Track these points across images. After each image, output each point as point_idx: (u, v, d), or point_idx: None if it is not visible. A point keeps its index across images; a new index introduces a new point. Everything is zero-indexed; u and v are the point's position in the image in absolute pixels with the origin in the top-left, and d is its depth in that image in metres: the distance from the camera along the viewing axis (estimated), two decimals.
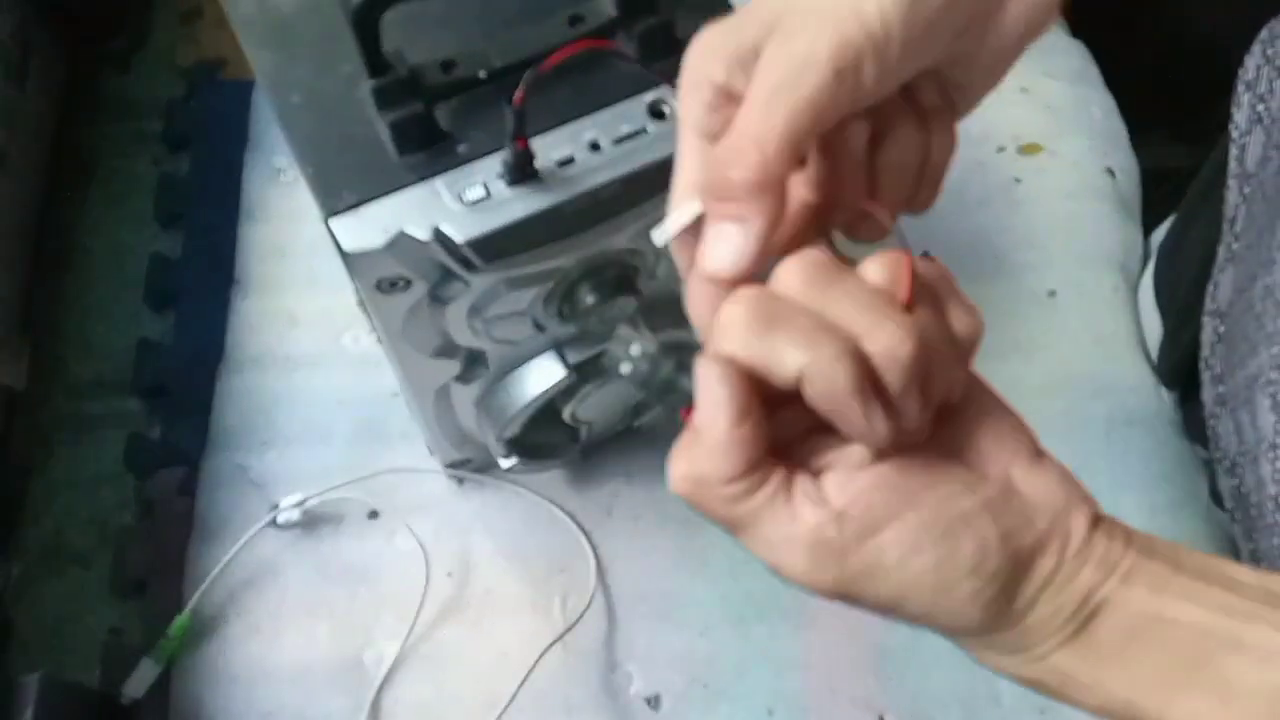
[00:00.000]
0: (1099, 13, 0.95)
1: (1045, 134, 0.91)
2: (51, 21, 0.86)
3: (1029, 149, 0.90)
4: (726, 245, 0.30)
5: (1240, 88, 0.68)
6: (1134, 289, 0.85)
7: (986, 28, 0.32)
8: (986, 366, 0.89)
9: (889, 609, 0.30)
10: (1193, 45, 0.77)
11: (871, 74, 0.29)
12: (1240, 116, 0.68)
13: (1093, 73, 0.94)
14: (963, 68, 0.33)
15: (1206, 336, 0.70)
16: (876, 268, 0.30)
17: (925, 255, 0.34)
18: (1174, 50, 0.87)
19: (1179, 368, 0.77)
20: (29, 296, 0.80)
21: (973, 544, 0.29)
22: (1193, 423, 0.76)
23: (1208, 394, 0.70)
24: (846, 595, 0.30)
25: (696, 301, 0.32)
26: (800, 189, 0.33)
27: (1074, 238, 0.86)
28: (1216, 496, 0.74)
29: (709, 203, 0.31)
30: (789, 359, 0.28)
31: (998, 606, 0.30)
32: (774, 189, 0.30)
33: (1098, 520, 0.31)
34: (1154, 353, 0.81)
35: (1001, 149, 0.90)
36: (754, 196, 0.30)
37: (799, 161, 0.32)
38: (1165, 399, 0.80)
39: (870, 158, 0.34)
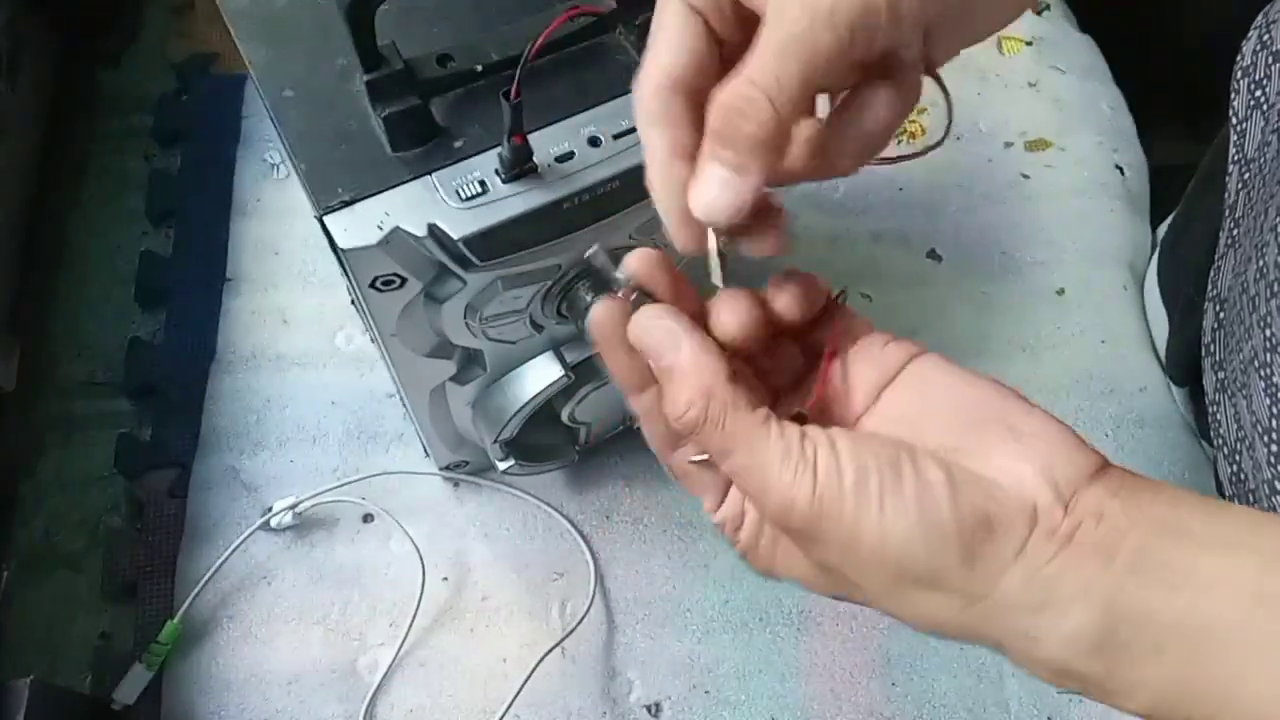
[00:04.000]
0: (1109, 8, 0.94)
1: (1053, 130, 0.90)
2: (42, 17, 0.85)
3: (1037, 145, 0.89)
4: (721, 191, 0.31)
5: (1238, 74, 0.67)
6: (1142, 286, 0.84)
7: None
8: (996, 366, 0.89)
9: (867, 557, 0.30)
10: (1203, 41, 0.77)
11: (886, 31, 0.29)
12: (1238, 103, 0.68)
13: (1102, 68, 0.93)
14: (953, 25, 0.33)
15: (1208, 322, 0.70)
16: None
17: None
18: (1184, 46, 0.86)
19: (1187, 362, 0.76)
20: (18, 295, 0.78)
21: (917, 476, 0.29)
22: (1203, 420, 0.75)
23: (1208, 381, 0.70)
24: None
25: (668, 194, 0.33)
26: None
27: (1083, 235, 0.85)
28: (1219, 486, 0.74)
29: (711, 143, 0.31)
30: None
31: (958, 549, 0.29)
32: (780, 144, 0.30)
33: (1083, 496, 0.30)
34: (1161, 348, 0.80)
35: (1009, 144, 0.89)
36: (761, 152, 0.30)
37: (806, 113, 0.32)
38: (1176, 399, 0.79)
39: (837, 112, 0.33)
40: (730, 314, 0.33)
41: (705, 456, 0.34)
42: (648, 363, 0.33)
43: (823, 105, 0.33)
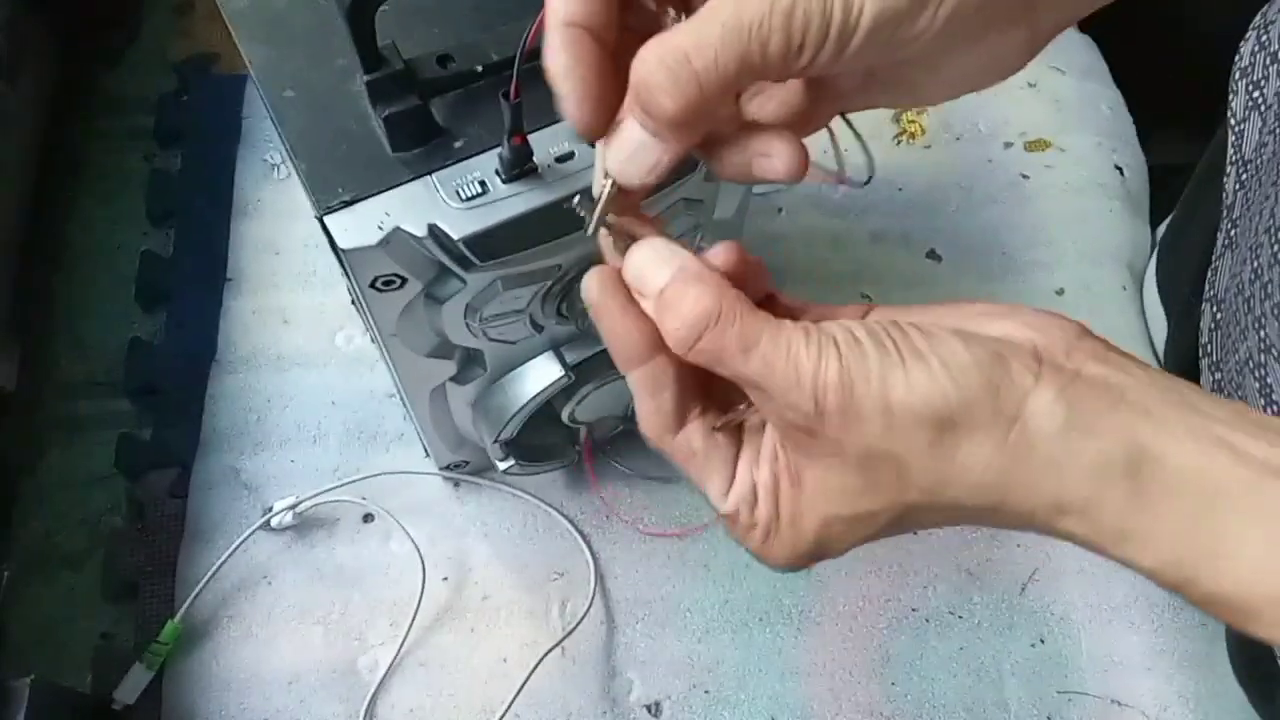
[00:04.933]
0: (1108, 8, 0.94)
1: (1053, 130, 0.90)
2: (43, 16, 0.85)
3: (1036, 145, 0.89)
4: (639, 153, 0.30)
5: (1236, 75, 0.68)
6: (1141, 286, 0.84)
7: (950, 55, 0.31)
8: None
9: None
10: (1202, 41, 0.77)
11: (828, 55, 0.28)
12: (1237, 104, 0.68)
13: (1101, 68, 0.93)
14: (894, 80, 0.33)
15: (1205, 323, 0.71)
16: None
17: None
18: (1183, 46, 0.86)
19: (1185, 363, 0.76)
20: (18, 295, 0.78)
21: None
22: None
23: (1205, 381, 0.70)
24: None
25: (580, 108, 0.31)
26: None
27: (1082, 235, 0.85)
28: None
29: (633, 101, 0.30)
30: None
31: (985, 377, 0.29)
32: (701, 124, 0.30)
33: (1079, 344, 0.30)
34: (1161, 347, 0.81)
35: (1009, 145, 0.89)
36: (678, 128, 0.29)
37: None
38: None
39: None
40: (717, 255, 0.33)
41: (724, 420, 0.33)
42: (647, 331, 0.32)
43: None
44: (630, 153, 0.30)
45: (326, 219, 0.45)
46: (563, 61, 0.31)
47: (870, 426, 0.29)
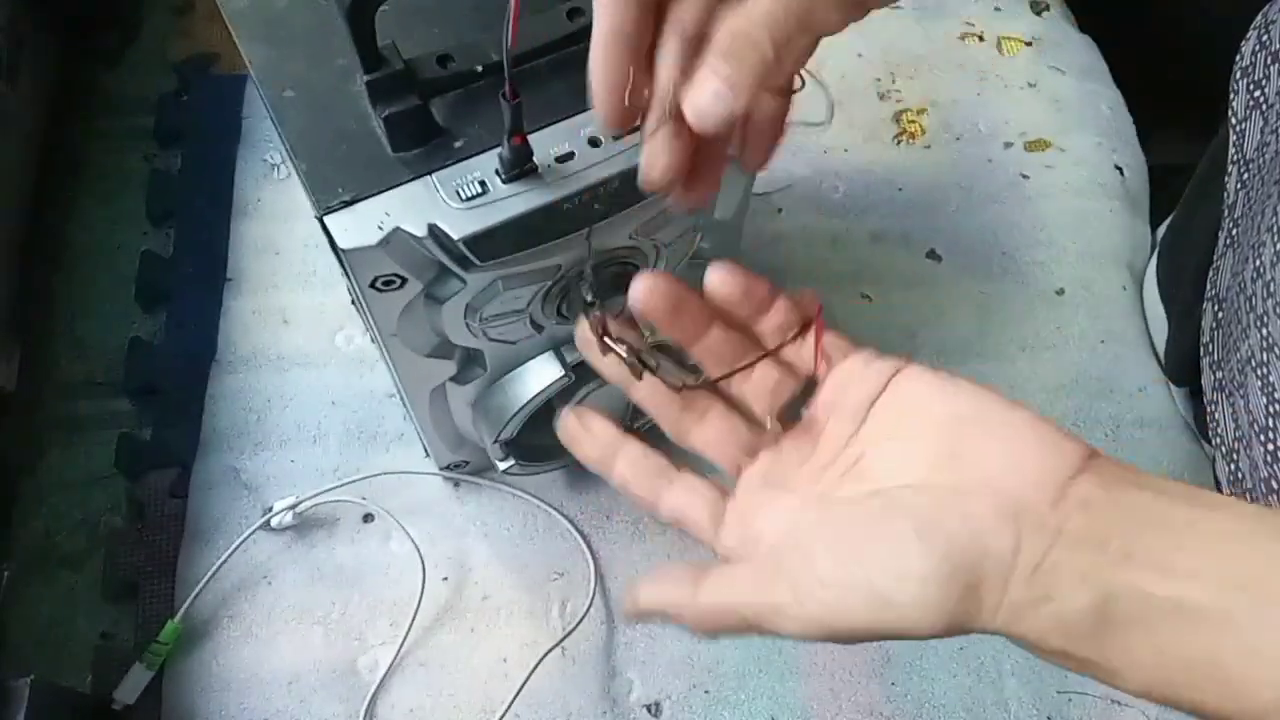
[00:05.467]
0: (1108, 8, 0.94)
1: (1053, 130, 0.90)
2: (42, 16, 0.85)
3: (1036, 145, 0.89)
4: (714, 100, 0.35)
5: (1237, 74, 0.68)
6: (1142, 286, 0.84)
7: None
8: (995, 366, 0.88)
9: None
10: (1202, 41, 0.77)
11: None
12: (1238, 103, 0.68)
13: (1101, 68, 0.93)
14: None
15: (1206, 322, 0.71)
16: None
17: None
18: (1184, 46, 0.86)
19: (1186, 362, 0.76)
20: (19, 295, 0.78)
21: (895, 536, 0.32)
22: (1202, 420, 0.76)
23: (1206, 380, 0.70)
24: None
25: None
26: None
27: (1082, 235, 0.85)
28: (1217, 485, 0.74)
29: (716, 59, 0.35)
30: None
31: (956, 598, 0.31)
32: (771, 77, 0.35)
33: (1071, 488, 0.31)
34: (1161, 348, 0.81)
35: (1009, 145, 0.89)
36: (755, 76, 0.35)
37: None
38: (1175, 399, 0.79)
39: None
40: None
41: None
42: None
43: None
44: (710, 100, 0.35)
45: (326, 219, 0.45)
46: (599, 64, 0.37)
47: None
